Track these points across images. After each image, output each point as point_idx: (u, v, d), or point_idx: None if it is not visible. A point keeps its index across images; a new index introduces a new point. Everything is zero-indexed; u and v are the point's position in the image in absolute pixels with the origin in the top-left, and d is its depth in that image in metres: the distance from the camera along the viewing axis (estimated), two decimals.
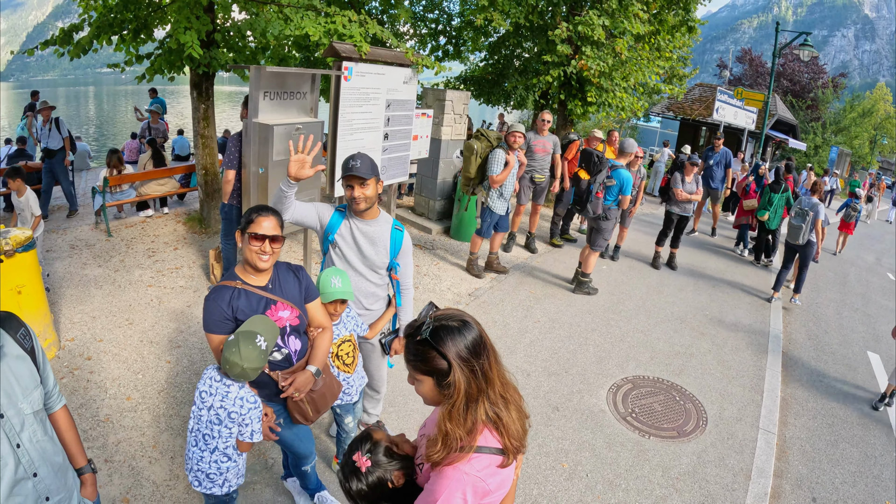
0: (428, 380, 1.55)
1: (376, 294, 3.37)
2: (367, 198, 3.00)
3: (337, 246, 3.18)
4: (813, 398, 5.37)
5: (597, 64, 9.05)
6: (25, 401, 1.72)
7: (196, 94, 7.30)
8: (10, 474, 1.66)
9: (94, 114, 51.13)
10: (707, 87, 21.67)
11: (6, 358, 1.69)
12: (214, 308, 2.44)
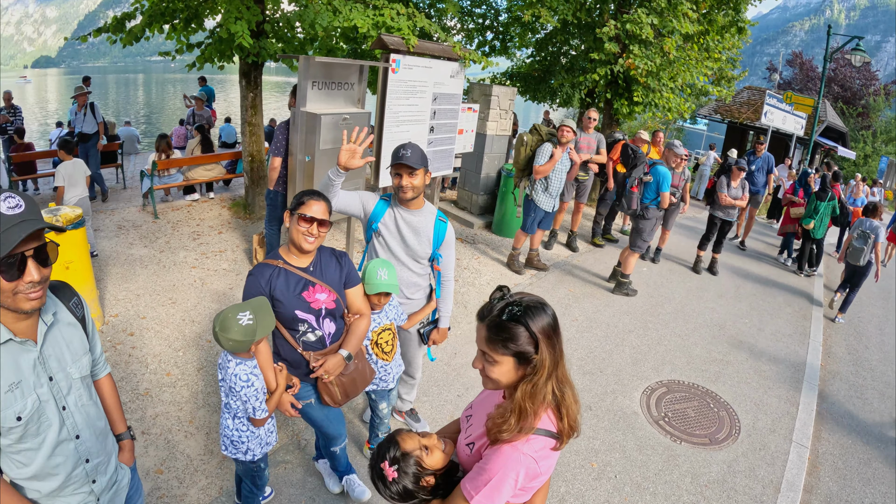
0: (508, 360, 1.56)
1: (418, 284, 3.40)
2: (415, 187, 3.02)
3: (380, 234, 3.22)
4: (849, 414, 5.22)
5: (644, 63, 8.92)
6: (74, 366, 1.80)
7: (245, 82, 7.46)
8: (55, 435, 1.73)
9: (142, 100, 52.58)
10: (756, 90, 21.12)
11: (59, 324, 1.77)
12: (253, 283, 2.54)
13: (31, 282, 1.52)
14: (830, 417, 5.11)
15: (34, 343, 1.66)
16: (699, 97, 12.93)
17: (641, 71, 8.98)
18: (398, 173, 2.99)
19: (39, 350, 1.67)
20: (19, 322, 1.60)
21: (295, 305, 2.59)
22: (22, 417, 1.62)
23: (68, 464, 1.79)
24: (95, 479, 1.91)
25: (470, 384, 4.66)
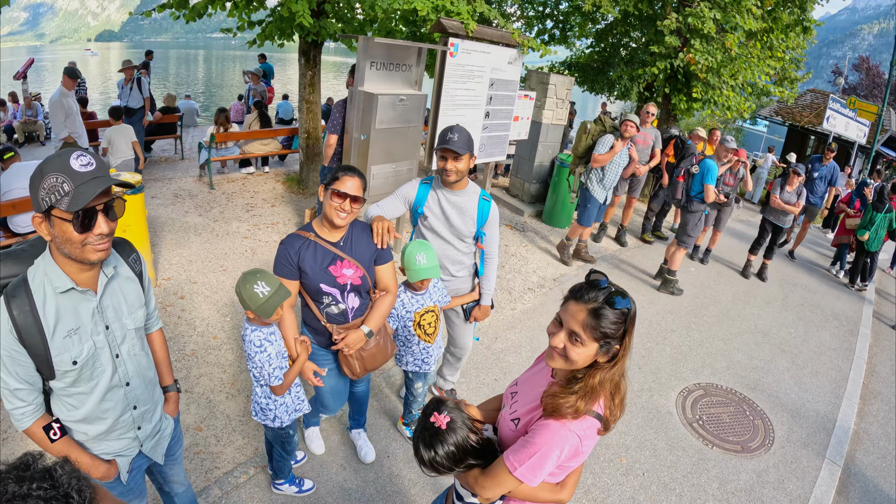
0: (595, 345, 1.60)
1: (462, 262, 3.45)
2: (459, 171, 3.07)
3: (426, 218, 3.28)
4: (886, 437, 5.04)
5: (705, 58, 8.72)
6: (129, 317, 1.90)
7: (304, 61, 7.61)
8: (107, 381, 1.85)
9: (202, 76, 53.91)
10: (819, 93, 20.28)
11: (118, 278, 1.87)
12: (283, 253, 2.61)
13: (99, 234, 1.62)
14: (867, 438, 4.95)
15: (94, 293, 1.76)
16: (760, 97, 12.57)
17: (702, 66, 8.79)
18: (443, 157, 3.04)
19: (98, 300, 1.77)
20: (82, 273, 1.70)
21: (320, 279, 2.64)
22: (77, 362, 1.73)
23: (117, 409, 1.92)
24: (141, 425, 2.04)
25: (508, 369, 4.72)
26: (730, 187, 7.48)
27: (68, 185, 1.52)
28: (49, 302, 1.66)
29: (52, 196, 1.53)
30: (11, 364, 1.65)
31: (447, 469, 1.82)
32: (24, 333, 1.63)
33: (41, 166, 1.56)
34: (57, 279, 1.66)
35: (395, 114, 5.28)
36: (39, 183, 1.54)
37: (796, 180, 7.72)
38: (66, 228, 1.56)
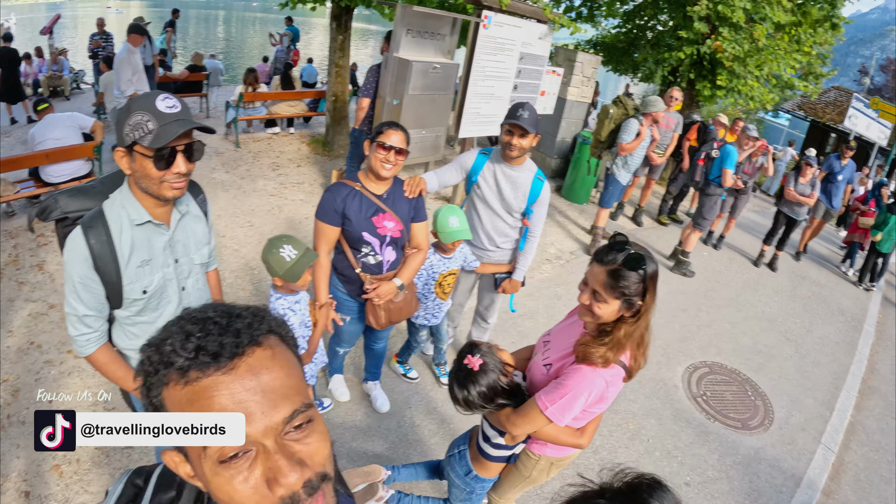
0: (617, 303, 1.78)
1: (508, 235, 3.50)
2: (522, 148, 3.12)
3: (479, 186, 3.36)
4: (880, 431, 5.18)
5: (732, 47, 8.72)
6: (196, 253, 2.03)
7: (335, 25, 7.68)
8: (171, 311, 1.97)
9: (222, 36, 53.61)
10: (844, 91, 20.08)
11: (188, 216, 1.98)
12: (329, 199, 2.71)
13: (177, 173, 1.70)
14: (862, 430, 5.10)
15: (167, 227, 1.87)
16: (784, 90, 12.51)
17: (728, 55, 8.79)
18: (510, 131, 3.09)
19: (171, 234, 1.90)
20: (158, 208, 1.81)
21: (363, 227, 2.74)
22: (147, 291, 1.85)
23: None
24: None
25: (525, 333, 4.90)
26: (748, 175, 7.57)
27: (153, 123, 1.60)
28: (125, 233, 1.76)
29: (137, 132, 1.61)
30: (84, 291, 1.76)
31: (479, 407, 2.00)
32: (100, 262, 1.73)
33: (129, 104, 1.66)
34: (134, 212, 1.77)
35: (427, 81, 5.39)
36: (125, 119, 1.63)
37: (809, 172, 7.75)
38: (147, 164, 1.66)
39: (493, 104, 6.27)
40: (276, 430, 0.70)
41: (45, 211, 1.83)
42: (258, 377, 0.71)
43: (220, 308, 0.76)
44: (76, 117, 5.85)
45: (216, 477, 0.71)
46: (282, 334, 0.78)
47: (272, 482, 0.69)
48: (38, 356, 3.67)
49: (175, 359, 0.70)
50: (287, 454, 0.70)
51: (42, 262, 4.73)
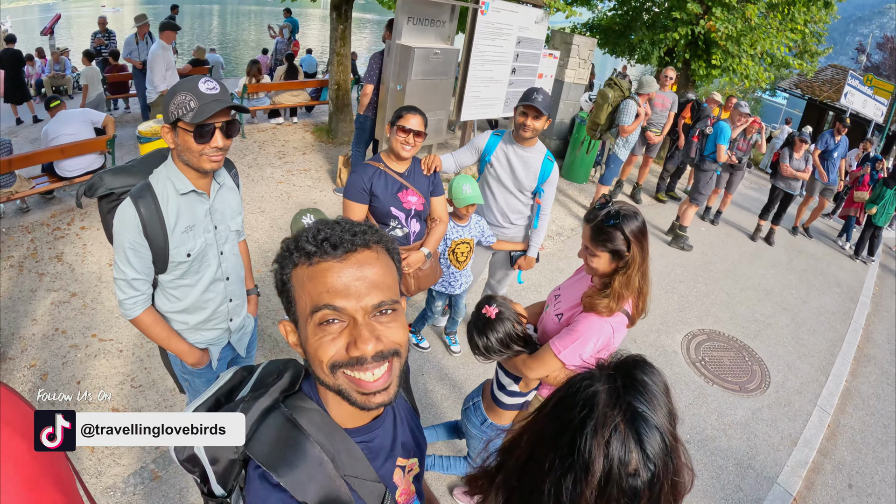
0: (605, 255, 2.02)
1: (522, 212, 3.69)
2: (535, 129, 3.31)
3: (492, 166, 3.55)
4: (876, 397, 5.35)
5: (725, 27, 8.87)
6: (232, 221, 2.23)
7: (335, 15, 7.83)
8: (211, 274, 2.18)
9: (217, 30, 53.59)
10: (840, 69, 20.13)
11: (225, 187, 2.16)
12: (357, 179, 2.95)
13: (215, 147, 1.90)
14: (857, 395, 5.27)
15: (208, 197, 2.07)
16: (780, 69, 12.62)
17: (721, 34, 8.95)
18: (525, 113, 3.28)
19: (211, 203, 2.10)
20: (200, 179, 2.00)
21: (391, 203, 2.99)
22: (191, 255, 2.05)
23: (217, 300, 2.25)
24: (233, 318, 2.38)
25: (530, 303, 5.08)
26: (742, 152, 7.74)
27: (194, 102, 1.78)
28: (171, 202, 1.95)
29: (180, 110, 1.80)
30: (133, 256, 1.94)
31: (497, 353, 2.21)
32: (149, 228, 1.91)
33: (174, 87, 1.85)
34: (179, 183, 1.97)
35: (429, 66, 5.56)
36: (171, 99, 1.83)
37: (802, 147, 7.93)
38: (188, 139, 1.84)
39: (493, 88, 6.44)
40: (366, 311, 0.92)
41: (92, 188, 2.01)
42: (363, 269, 0.93)
43: (345, 220, 0.99)
44: (88, 113, 6.01)
45: (313, 336, 0.93)
46: (388, 247, 1.01)
47: (351, 346, 0.91)
48: (64, 341, 3.86)
49: (305, 245, 0.93)
50: (369, 329, 0.91)
51: (60, 254, 4.90)
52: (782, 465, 4.02)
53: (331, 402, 1.04)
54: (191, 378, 2.39)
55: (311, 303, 0.92)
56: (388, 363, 0.94)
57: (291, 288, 0.96)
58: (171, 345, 2.19)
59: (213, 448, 1.04)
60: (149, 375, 3.65)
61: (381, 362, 0.93)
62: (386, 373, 0.94)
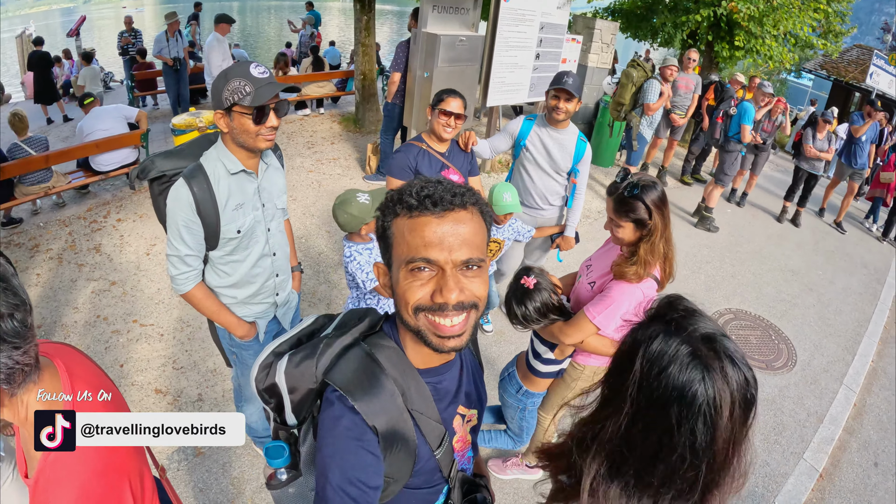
0: (629, 225, 2.15)
1: (559, 192, 3.80)
2: (568, 111, 3.41)
3: (528, 150, 3.65)
4: None
5: (747, 7, 8.84)
6: (278, 199, 2.38)
7: (359, 6, 7.96)
8: (260, 249, 2.31)
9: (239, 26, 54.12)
10: (866, 49, 19.74)
11: (271, 167, 2.30)
12: (402, 158, 3.08)
13: (270, 126, 2.01)
14: (884, 376, 5.28)
15: (256, 176, 2.20)
16: (804, 49, 12.47)
17: (744, 15, 8.92)
18: (556, 96, 3.38)
19: (259, 182, 2.23)
20: (249, 160, 2.13)
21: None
22: (241, 231, 2.18)
23: (264, 275, 2.39)
24: (279, 292, 2.51)
25: None
26: (767, 133, 7.73)
27: (249, 87, 1.90)
28: (222, 182, 2.08)
29: (236, 95, 1.90)
30: (187, 233, 2.06)
31: (535, 321, 2.34)
32: (202, 206, 2.03)
33: (225, 72, 1.97)
34: (230, 163, 2.09)
35: (455, 53, 5.67)
36: (224, 86, 1.93)
37: (826, 127, 7.85)
38: (245, 121, 1.96)
39: (517, 73, 6.51)
40: (455, 264, 1.02)
41: (145, 171, 2.14)
42: (457, 226, 1.03)
43: (447, 181, 1.09)
44: (122, 108, 6.22)
45: (404, 280, 1.05)
46: (482, 209, 1.11)
47: (437, 293, 1.02)
48: (106, 327, 4.04)
49: (409, 199, 1.03)
50: (455, 280, 1.02)
51: (98, 245, 5.10)
52: (808, 442, 4.08)
53: (408, 343, 1.16)
54: (238, 351, 2.52)
55: (408, 252, 1.03)
56: (466, 313, 1.05)
57: (391, 235, 1.07)
58: (220, 318, 2.34)
59: (294, 377, 1.16)
60: (190, 357, 3.82)
61: (461, 312, 1.04)
62: (463, 321, 1.05)
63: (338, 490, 1.03)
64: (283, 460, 1.27)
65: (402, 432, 1.11)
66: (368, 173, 6.87)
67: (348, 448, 1.05)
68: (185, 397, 3.50)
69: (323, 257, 5.17)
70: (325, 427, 1.09)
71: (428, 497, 1.29)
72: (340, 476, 1.03)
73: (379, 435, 1.08)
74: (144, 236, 5.23)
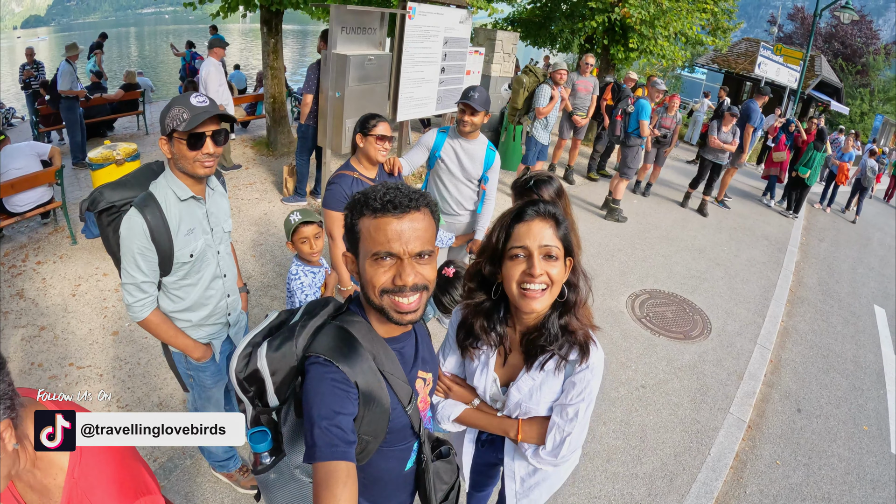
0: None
1: (472, 198, 4.03)
2: (474, 124, 3.67)
3: (442, 160, 3.86)
4: (813, 332, 5.91)
5: (638, 12, 9.44)
6: (224, 223, 2.46)
7: (266, 29, 7.95)
8: (211, 271, 2.40)
9: (136, 52, 52.36)
10: (753, 41, 21.44)
11: (216, 192, 2.39)
12: (338, 190, 3.14)
13: (206, 153, 2.08)
14: (795, 333, 5.83)
15: (203, 201, 2.29)
16: (695, 46, 13.35)
17: (636, 19, 9.51)
18: (463, 110, 3.62)
19: (207, 207, 2.31)
20: (196, 186, 2.21)
21: None
22: (193, 255, 2.26)
23: (217, 296, 2.47)
24: (231, 312, 2.59)
25: None
26: (667, 129, 8.31)
27: (187, 114, 2.00)
28: (173, 208, 2.15)
29: (175, 122, 2.01)
30: (143, 260, 2.13)
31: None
32: (156, 232, 2.10)
33: (170, 103, 2.08)
34: (179, 190, 2.17)
35: (364, 73, 5.80)
36: (167, 113, 2.03)
37: (732, 120, 8.45)
38: (182, 147, 2.05)
39: (425, 88, 6.73)
40: (411, 253, 1.27)
41: (94, 202, 2.19)
42: (413, 224, 1.27)
43: (403, 185, 1.32)
44: (34, 145, 5.95)
45: (370, 267, 1.29)
46: (432, 209, 1.34)
47: (397, 277, 1.27)
48: (42, 374, 3.90)
49: (373, 203, 1.27)
50: (411, 267, 1.27)
51: (21, 290, 4.88)
52: (732, 398, 4.46)
53: (373, 318, 1.41)
54: (195, 373, 2.58)
55: (373, 246, 1.27)
56: (419, 294, 1.31)
57: (359, 231, 1.30)
58: (177, 341, 2.40)
59: (275, 360, 1.38)
60: (133, 394, 3.76)
61: (416, 293, 1.30)
62: (417, 299, 1.31)
63: (325, 430, 1.20)
64: (266, 444, 1.44)
65: (377, 390, 1.33)
66: (286, 195, 6.88)
67: (336, 395, 1.25)
68: None
69: (252, 281, 5.16)
70: (314, 381, 1.27)
71: (402, 454, 1.53)
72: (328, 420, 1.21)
73: (360, 391, 1.29)
74: (68, 277, 5.06)
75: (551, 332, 1.62)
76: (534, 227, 1.55)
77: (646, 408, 4.18)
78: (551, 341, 1.63)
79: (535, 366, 1.67)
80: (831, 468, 4.02)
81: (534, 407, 1.73)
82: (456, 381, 1.90)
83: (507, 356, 1.77)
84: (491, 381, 1.80)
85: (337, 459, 1.17)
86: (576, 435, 1.72)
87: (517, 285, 1.55)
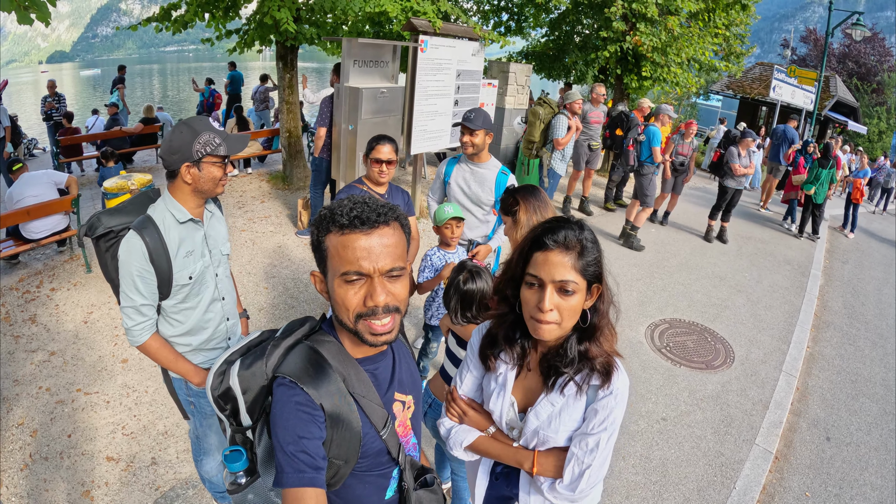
0: (509, 219, 2.54)
1: (480, 228, 3.97)
2: (475, 144, 3.65)
3: (451, 186, 3.88)
4: (840, 357, 5.72)
5: (650, 40, 9.48)
6: (223, 245, 2.48)
7: (282, 65, 8.11)
8: (210, 294, 2.41)
9: (159, 89, 53.86)
10: (767, 65, 21.42)
11: (215, 216, 2.43)
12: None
13: (228, 174, 2.25)
14: (822, 359, 5.64)
15: (202, 224, 2.32)
16: (709, 73, 13.37)
17: (647, 47, 9.55)
18: (462, 132, 3.65)
19: (205, 230, 2.34)
20: (196, 209, 2.26)
21: None
22: (192, 277, 2.27)
23: (216, 319, 2.46)
24: (230, 336, 2.58)
25: None
26: (684, 156, 8.24)
27: (219, 139, 2.13)
28: (172, 231, 2.17)
29: (208, 147, 2.11)
30: (141, 282, 2.13)
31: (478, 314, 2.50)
32: (155, 255, 2.11)
33: (187, 128, 2.12)
34: (178, 213, 2.20)
35: (377, 105, 5.86)
36: (193, 139, 2.09)
37: (750, 144, 8.31)
38: (216, 170, 2.16)
39: (438, 120, 6.76)
40: (381, 271, 1.21)
41: (92, 228, 2.21)
42: (382, 240, 1.21)
43: (372, 199, 1.27)
44: (51, 174, 6.08)
45: (339, 288, 1.23)
46: (402, 223, 1.29)
47: (368, 297, 1.21)
48: (49, 398, 3.92)
49: (340, 218, 1.21)
50: (382, 285, 1.22)
51: (33, 316, 4.94)
52: (758, 428, 4.29)
53: (345, 339, 1.35)
54: (196, 399, 2.54)
55: (342, 265, 1.21)
56: (392, 316, 1.25)
57: (325, 248, 1.24)
58: (177, 366, 2.37)
59: (246, 378, 1.34)
60: (139, 422, 3.74)
61: (389, 314, 1.24)
62: (391, 321, 1.25)
63: (292, 457, 1.17)
64: (241, 464, 1.42)
65: (346, 413, 1.27)
66: (301, 228, 6.91)
67: (300, 419, 1.21)
68: (139, 462, 3.41)
69: (263, 313, 5.15)
70: (279, 405, 1.24)
71: (379, 481, 1.45)
72: (294, 445, 1.18)
73: (325, 413, 1.24)
74: (80, 304, 5.11)
75: (568, 355, 1.56)
76: (551, 258, 1.44)
77: (667, 441, 4.04)
78: (567, 365, 1.56)
79: (555, 389, 1.59)
80: (864, 498, 3.83)
81: (552, 436, 1.63)
82: (472, 405, 1.82)
83: (526, 378, 1.70)
84: (508, 405, 1.71)
85: (304, 486, 1.16)
86: (596, 468, 1.58)
87: (530, 314, 1.49)
